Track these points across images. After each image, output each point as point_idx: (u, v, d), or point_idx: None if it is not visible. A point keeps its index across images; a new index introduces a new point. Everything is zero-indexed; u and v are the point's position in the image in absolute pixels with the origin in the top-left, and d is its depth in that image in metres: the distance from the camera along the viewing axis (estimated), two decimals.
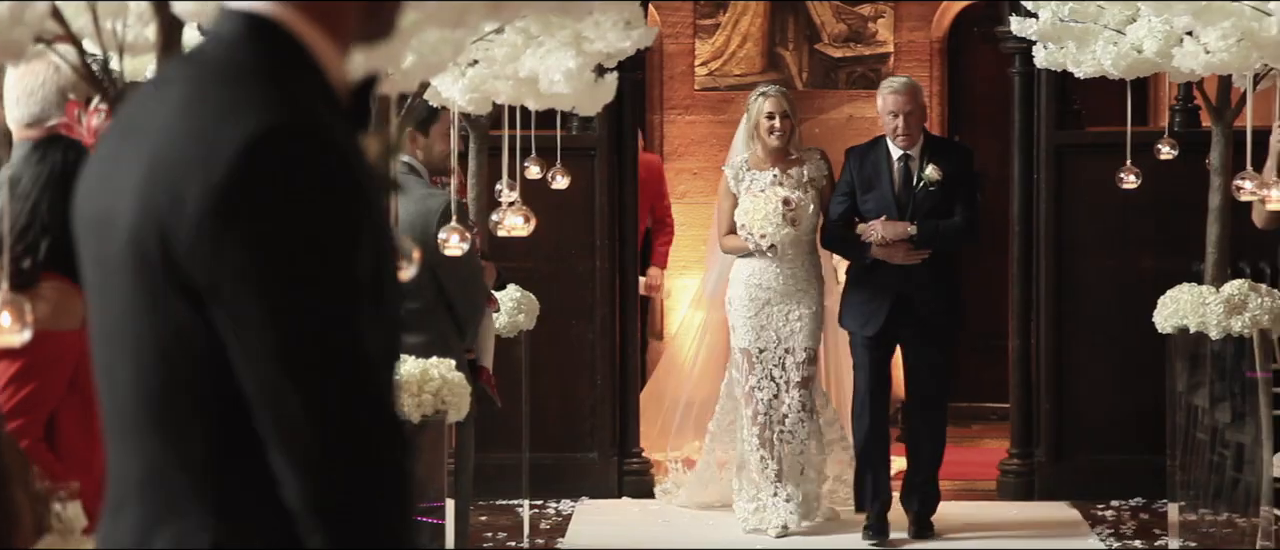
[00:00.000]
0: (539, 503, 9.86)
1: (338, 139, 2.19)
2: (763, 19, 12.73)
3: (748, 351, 9.06)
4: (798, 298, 9.00)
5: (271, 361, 2.14)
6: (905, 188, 8.84)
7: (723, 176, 9.25)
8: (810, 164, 9.07)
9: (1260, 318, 8.01)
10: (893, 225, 8.77)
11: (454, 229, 6.04)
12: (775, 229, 8.85)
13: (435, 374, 6.10)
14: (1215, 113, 8.40)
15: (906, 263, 8.77)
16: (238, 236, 2.13)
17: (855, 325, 8.91)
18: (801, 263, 9.03)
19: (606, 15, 5.76)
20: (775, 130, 9.00)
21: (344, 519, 2.15)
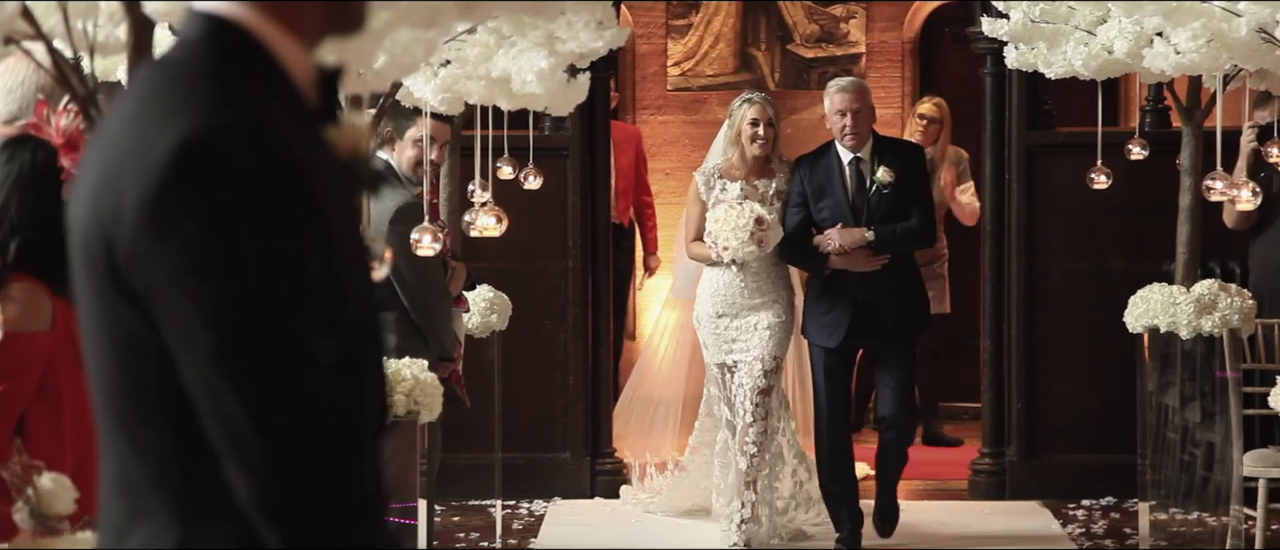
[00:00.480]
0: (511, 503, 9.85)
1: (284, 138, 2.18)
2: (735, 19, 12.74)
3: (722, 365, 8.88)
4: (763, 306, 8.77)
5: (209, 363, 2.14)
6: (859, 192, 8.61)
7: (693, 182, 9.02)
8: (780, 176, 8.81)
9: (1230, 317, 8.04)
10: (849, 232, 8.54)
11: (426, 229, 6.04)
12: (740, 245, 8.59)
13: (407, 374, 6.09)
14: (1185, 113, 8.43)
15: (866, 269, 8.56)
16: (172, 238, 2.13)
17: (818, 337, 8.71)
18: (767, 272, 8.81)
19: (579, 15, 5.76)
20: (759, 138, 8.75)
21: (291, 519, 2.15)
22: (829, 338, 8.62)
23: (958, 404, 12.20)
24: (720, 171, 8.85)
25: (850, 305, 8.58)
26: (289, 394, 2.14)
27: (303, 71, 2.28)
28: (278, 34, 2.26)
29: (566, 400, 10.21)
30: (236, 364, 2.13)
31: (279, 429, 2.14)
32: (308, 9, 2.28)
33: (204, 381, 2.15)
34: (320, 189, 2.20)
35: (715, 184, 8.82)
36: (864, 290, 8.57)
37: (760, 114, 8.77)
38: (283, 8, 2.26)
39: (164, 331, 2.17)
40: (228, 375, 2.13)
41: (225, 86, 2.19)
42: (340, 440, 2.17)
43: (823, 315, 8.65)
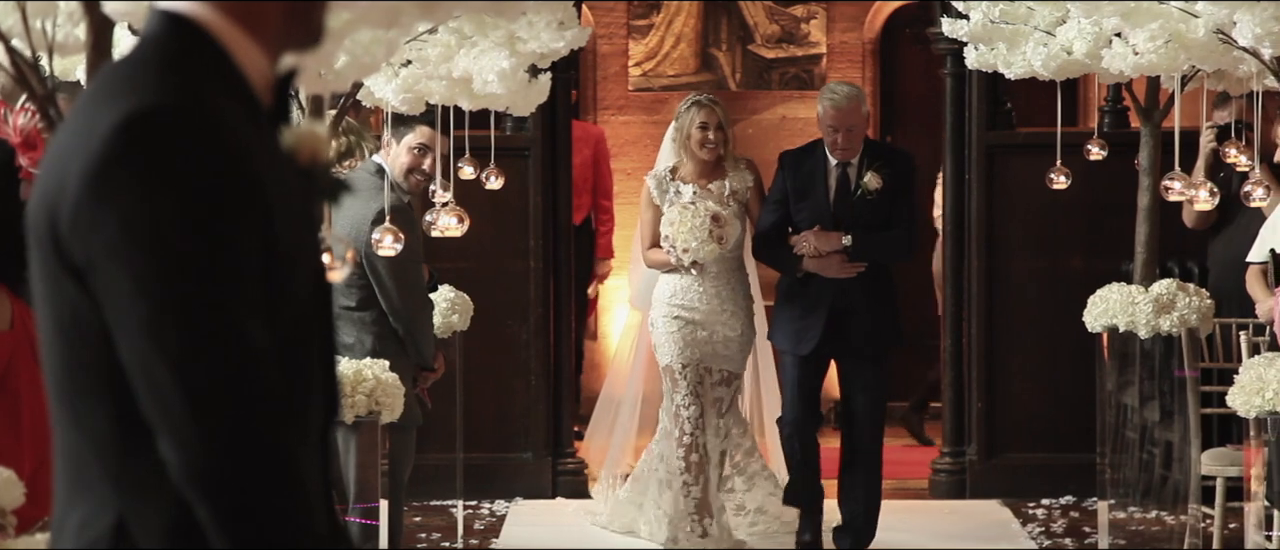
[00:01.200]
0: (473, 503, 9.85)
1: (227, 122, 2.21)
2: (696, 20, 12.76)
3: (670, 368, 8.54)
4: (724, 319, 8.47)
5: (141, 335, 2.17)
6: (842, 196, 8.29)
7: (645, 185, 8.72)
8: (734, 176, 8.51)
9: (1188, 317, 8.08)
10: (826, 236, 8.24)
11: (388, 230, 6.04)
12: (700, 245, 8.30)
13: (369, 375, 6.09)
14: (1144, 114, 8.47)
15: (841, 276, 8.24)
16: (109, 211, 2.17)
17: (787, 343, 8.37)
18: (727, 280, 8.50)
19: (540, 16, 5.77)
20: (708, 142, 8.47)
21: (219, 493, 2.17)
22: (799, 344, 8.31)
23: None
24: (673, 174, 8.60)
25: (824, 313, 8.28)
26: (220, 368, 2.16)
27: (258, 72, 2.32)
28: (236, 34, 2.29)
29: (528, 401, 10.21)
30: (168, 335, 2.16)
31: (208, 401, 2.16)
32: (269, 11, 2.31)
33: (137, 353, 2.18)
34: (267, 180, 2.22)
35: (668, 187, 8.56)
36: (839, 298, 8.28)
37: (709, 117, 8.50)
38: (243, 8, 2.30)
39: (103, 304, 2.20)
40: (159, 346, 2.16)
41: (171, 74, 2.24)
42: (273, 421, 2.19)
43: (794, 321, 8.34)
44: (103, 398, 2.24)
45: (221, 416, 2.16)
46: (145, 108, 2.19)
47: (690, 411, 8.48)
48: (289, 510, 2.20)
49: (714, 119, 8.50)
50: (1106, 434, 8.65)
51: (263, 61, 2.32)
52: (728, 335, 8.45)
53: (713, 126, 8.48)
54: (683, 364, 8.47)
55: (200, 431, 2.16)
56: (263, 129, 2.30)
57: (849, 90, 8.36)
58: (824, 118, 8.28)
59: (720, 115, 8.54)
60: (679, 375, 8.51)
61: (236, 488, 2.17)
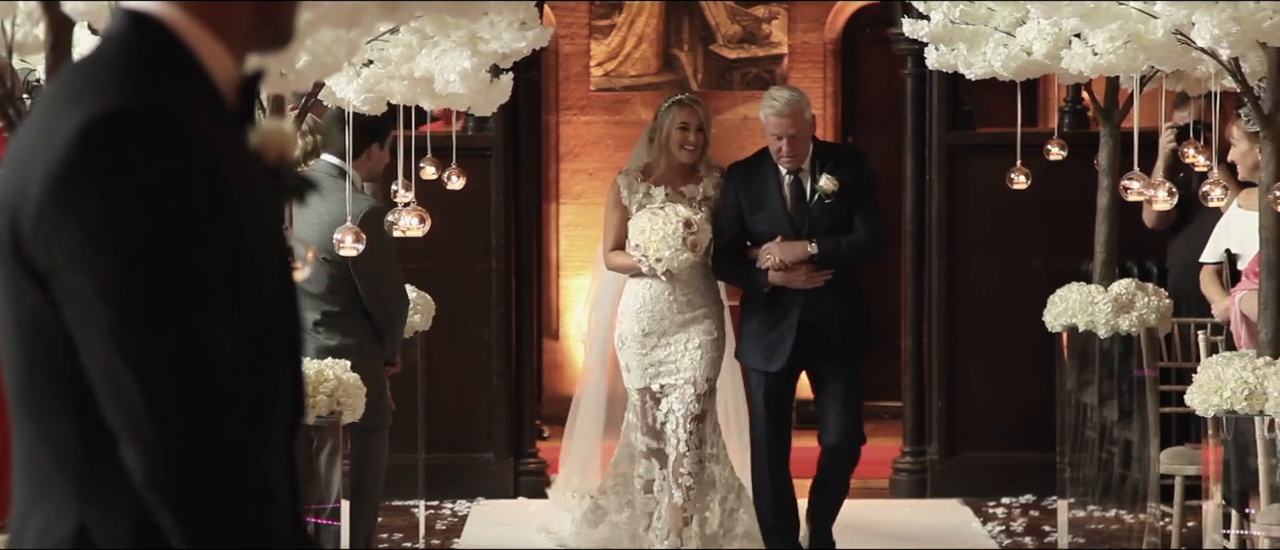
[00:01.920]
0: (434, 503, 9.85)
1: (192, 125, 2.20)
2: (658, 20, 12.77)
3: (648, 390, 8.17)
4: (695, 323, 8.11)
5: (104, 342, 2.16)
6: (799, 203, 7.97)
7: (613, 185, 8.34)
8: (709, 181, 8.17)
9: (1147, 316, 8.12)
10: (789, 246, 7.90)
11: (349, 230, 6.04)
12: (673, 254, 7.94)
13: (330, 375, 6.08)
14: (1103, 114, 8.51)
15: (808, 287, 7.92)
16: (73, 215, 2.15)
17: (757, 360, 8.03)
18: (697, 286, 8.13)
19: (501, 16, 5.78)
20: (689, 143, 8.10)
21: (181, 501, 2.16)
22: (769, 361, 7.97)
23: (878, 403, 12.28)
24: (643, 175, 8.23)
25: (793, 325, 7.95)
26: (184, 374, 2.15)
27: (223, 73, 2.31)
28: (201, 34, 2.28)
29: (490, 400, 10.21)
30: (130, 340, 2.15)
31: (171, 408, 2.15)
32: (235, 11, 2.30)
33: (99, 359, 2.17)
34: (231, 181, 2.22)
35: (638, 188, 8.19)
36: (809, 309, 7.95)
37: (690, 117, 8.14)
38: (208, 8, 2.29)
39: (64, 310, 2.19)
40: (122, 352, 2.15)
41: (135, 75, 2.22)
42: (237, 426, 2.18)
43: (762, 336, 8.00)
44: (64, 404, 2.22)
45: (186, 424, 2.15)
46: (108, 111, 2.17)
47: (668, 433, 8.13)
48: (254, 517, 2.19)
49: (695, 119, 8.16)
50: (1066, 433, 8.69)
51: (228, 62, 2.31)
52: (703, 339, 8.12)
53: (694, 127, 8.14)
54: (660, 385, 8.14)
55: (164, 439, 2.15)
56: (228, 129, 2.29)
57: (789, 95, 8.03)
58: (766, 126, 7.98)
59: (701, 116, 8.20)
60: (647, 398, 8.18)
61: (201, 495, 2.16)
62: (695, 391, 8.08)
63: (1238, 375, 5.63)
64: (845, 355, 8.05)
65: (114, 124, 2.17)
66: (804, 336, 7.95)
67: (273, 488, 2.23)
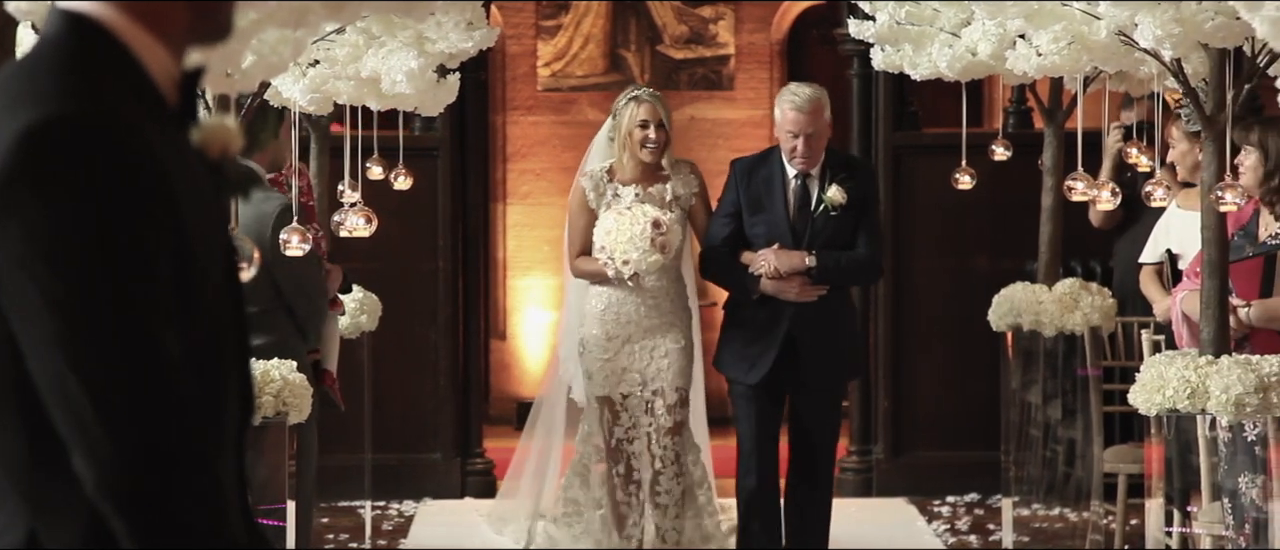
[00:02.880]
0: (381, 504, 9.83)
1: (134, 129, 2.19)
2: (605, 20, 12.78)
3: (608, 400, 7.68)
4: (663, 331, 7.65)
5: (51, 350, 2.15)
6: (802, 211, 7.49)
7: (576, 187, 7.86)
8: (678, 180, 7.72)
9: (1091, 316, 8.17)
10: (787, 255, 7.43)
11: (295, 230, 6.02)
12: (641, 255, 7.50)
13: (276, 375, 6.07)
14: (1047, 114, 8.56)
15: (801, 300, 7.44)
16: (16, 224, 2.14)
17: (737, 371, 7.53)
18: (666, 292, 7.68)
19: (448, 16, 5.78)
20: (650, 142, 7.64)
21: (134, 508, 2.16)
22: (749, 372, 7.48)
23: None
24: (609, 176, 7.78)
25: (778, 339, 7.46)
26: (132, 380, 2.14)
27: (163, 71, 2.29)
28: (139, 33, 2.27)
29: (437, 401, 10.20)
30: (78, 349, 2.14)
31: (122, 415, 2.14)
32: (173, 10, 2.29)
33: (47, 367, 2.16)
34: (175, 184, 2.21)
35: (605, 189, 7.73)
36: (797, 324, 7.47)
37: (650, 114, 7.68)
38: (146, 8, 2.27)
39: (10, 318, 2.18)
40: (70, 360, 2.14)
41: (74, 79, 2.21)
42: (187, 430, 2.17)
43: (744, 346, 7.52)
44: (13, 412, 2.21)
45: (135, 429, 2.14)
46: (47, 117, 2.16)
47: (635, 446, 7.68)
48: (206, 520, 2.18)
49: (656, 116, 7.70)
50: (1011, 432, 8.74)
51: (168, 60, 2.30)
52: (671, 347, 7.66)
53: (655, 124, 7.68)
54: (624, 394, 7.67)
55: (114, 445, 2.14)
56: (169, 129, 2.28)
57: (811, 93, 7.55)
58: (782, 122, 7.50)
59: (662, 112, 7.73)
60: (620, 406, 7.69)
61: (152, 500, 2.15)
62: (665, 403, 7.63)
63: (1180, 374, 5.67)
64: (827, 385, 7.62)
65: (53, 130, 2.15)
66: (789, 353, 7.46)
67: (224, 490, 2.22)
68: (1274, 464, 5.66)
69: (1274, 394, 5.56)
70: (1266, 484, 5.69)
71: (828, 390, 7.63)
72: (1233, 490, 5.78)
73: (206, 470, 2.19)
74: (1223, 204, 5.67)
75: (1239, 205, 5.79)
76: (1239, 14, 4.80)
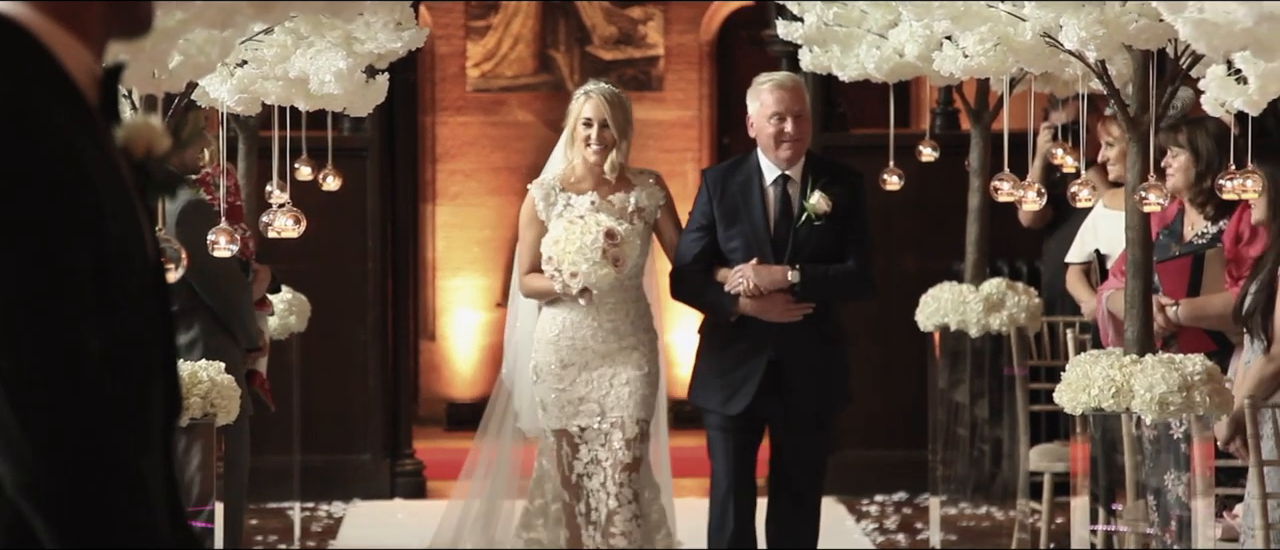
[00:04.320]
0: (310, 505, 9.81)
1: (52, 127, 2.18)
2: (534, 21, 12.78)
3: (565, 433, 6.94)
4: (623, 357, 6.90)
5: None
6: (783, 221, 6.77)
7: (527, 198, 7.08)
8: (641, 190, 6.97)
9: (1017, 315, 8.23)
10: (767, 270, 6.71)
11: (223, 231, 6.01)
12: (592, 268, 6.73)
13: (204, 376, 6.05)
14: (974, 115, 8.62)
15: (784, 320, 6.73)
16: None
17: (713, 401, 6.79)
18: (626, 312, 6.94)
19: (377, 16, 5.77)
20: (593, 141, 6.92)
21: (56, 507, 2.15)
22: (728, 402, 6.75)
23: None
24: (563, 183, 7.01)
25: (761, 366, 6.73)
26: (51, 376, 2.13)
27: (83, 69, 2.28)
28: (56, 31, 2.25)
29: (366, 401, 10.19)
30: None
31: (40, 412, 2.13)
32: (90, 7, 2.28)
33: None
34: (95, 182, 2.20)
35: (557, 199, 6.97)
36: (781, 347, 6.74)
37: (596, 111, 6.94)
38: (63, 6, 2.26)
39: None
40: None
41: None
42: (109, 428, 2.16)
43: (723, 374, 6.78)
44: None
45: (55, 427, 2.13)
46: None
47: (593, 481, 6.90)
48: (130, 518, 2.17)
49: (600, 114, 6.94)
50: (938, 431, 8.79)
51: (87, 58, 2.29)
52: (632, 374, 6.89)
53: (599, 123, 6.93)
54: (582, 427, 6.92)
55: (34, 443, 2.12)
56: (91, 127, 2.27)
57: (788, 74, 7.10)
58: (763, 109, 6.81)
59: (608, 109, 6.95)
60: (578, 439, 6.94)
61: (75, 499, 2.14)
62: (624, 437, 6.84)
63: (1105, 373, 5.72)
64: (814, 415, 6.88)
65: None
66: (772, 380, 6.74)
67: (149, 488, 2.21)
68: (1197, 462, 5.72)
69: (1197, 393, 5.61)
70: (1191, 481, 5.75)
71: (816, 422, 6.88)
72: (1157, 488, 5.83)
73: (129, 468, 2.18)
74: (1147, 204, 5.72)
75: (1163, 205, 5.85)
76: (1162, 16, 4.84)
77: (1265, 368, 6.21)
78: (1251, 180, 5.60)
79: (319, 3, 5.21)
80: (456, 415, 12.44)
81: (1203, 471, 5.71)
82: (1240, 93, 5.25)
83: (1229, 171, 5.60)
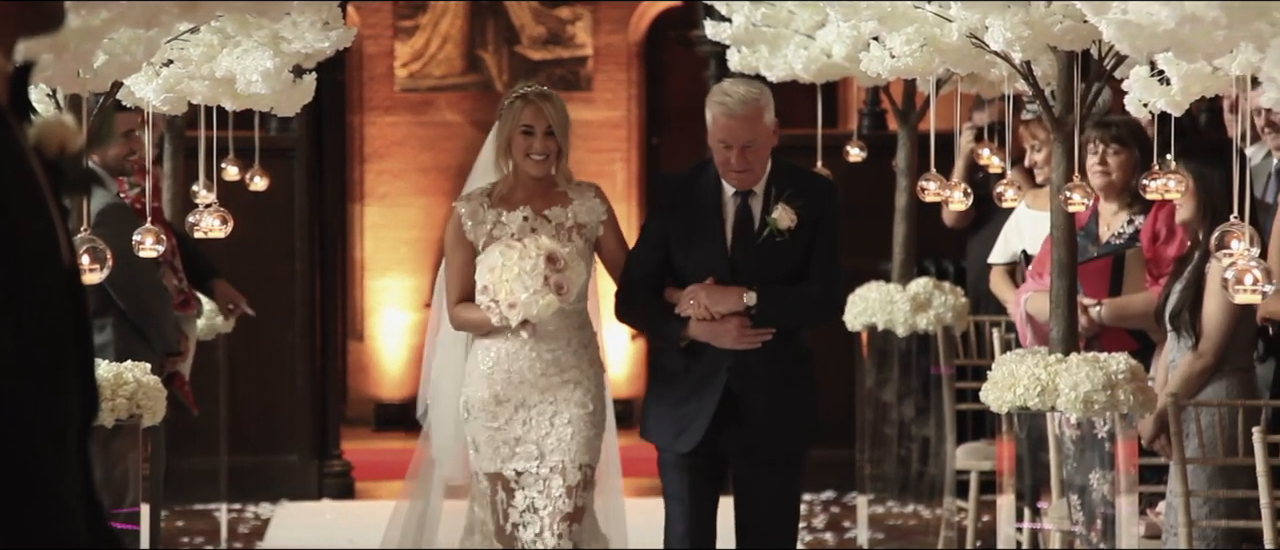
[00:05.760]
0: (237, 507, 9.76)
1: None
2: (463, 21, 12.77)
3: (500, 476, 6.14)
4: (564, 392, 6.13)
5: None
6: (743, 237, 6.04)
7: (452, 216, 6.25)
8: (580, 203, 6.19)
9: (944, 315, 8.28)
10: (721, 292, 5.98)
11: (149, 231, 5.98)
12: (532, 297, 5.93)
13: (129, 378, 6.02)
14: (901, 116, 8.66)
15: (739, 347, 6.00)
16: None
17: (664, 436, 6.08)
18: (567, 340, 6.16)
19: (304, 15, 5.75)
20: (535, 152, 6.12)
21: None
22: (680, 438, 6.03)
23: None
24: (493, 199, 6.20)
25: (716, 396, 6.01)
26: None
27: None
28: None
29: (294, 402, 10.15)
30: None
31: None
32: None
33: None
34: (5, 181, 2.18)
35: (486, 216, 6.15)
36: (739, 376, 6.01)
37: (536, 118, 6.13)
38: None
39: None
40: None
41: None
42: (19, 427, 2.15)
43: (675, 406, 6.06)
44: None
45: None
46: None
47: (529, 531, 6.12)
48: (43, 520, 2.16)
49: (542, 120, 6.14)
50: (865, 430, 8.83)
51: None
52: (575, 412, 6.12)
53: (541, 130, 6.14)
54: (518, 471, 6.12)
55: None
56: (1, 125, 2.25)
57: (745, 92, 6.03)
58: (712, 129, 6.03)
59: (551, 115, 6.15)
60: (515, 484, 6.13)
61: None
62: (565, 483, 6.05)
63: (1031, 372, 5.76)
64: (781, 450, 6.10)
65: None
66: (729, 412, 6.02)
67: (62, 489, 2.20)
68: (1120, 460, 5.76)
69: (1121, 391, 5.66)
70: (1114, 479, 5.79)
71: (781, 461, 6.10)
72: (1082, 486, 5.88)
73: (42, 468, 2.17)
74: (1072, 204, 5.76)
75: (1087, 205, 5.89)
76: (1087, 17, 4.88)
77: (1193, 365, 6.27)
78: (1174, 180, 5.65)
79: (246, 2, 5.19)
80: (385, 415, 12.42)
81: (1126, 470, 5.76)
82: (1163, 93, 5.29)
83: (1152, 171, 5.65)
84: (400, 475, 7.53)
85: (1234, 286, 4.13)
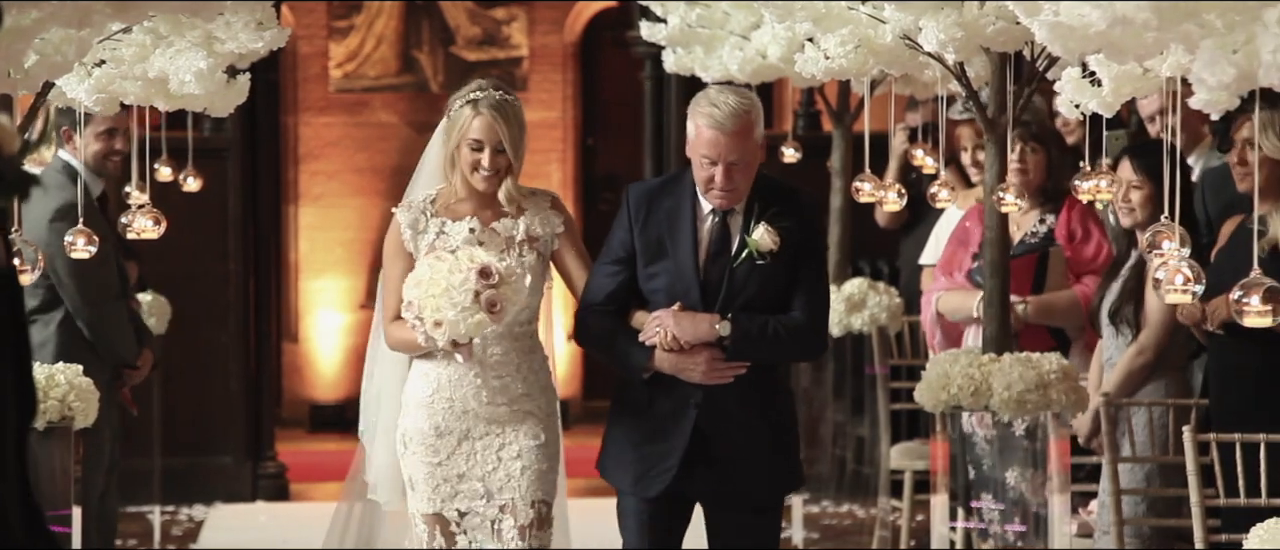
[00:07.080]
0: (171, 509, 9.72)
1: None
2: (397, 21, 12.74)
3: (439, 518, 5.45)
4: (514, 423, 5.46)
5: None
6: (717, 258, 5.36)
7: (392, 224, 5.57)
8: (534, 214, 5.55)
9: (879, 315, 8.31)
10: (690, 319, 5.29)
11: (81, 232, 5.94)
12: (460, 315, 5.19)
13: (61, 380, 5.98)
14: (835, 117, 8.69)
15: (708, 382, 5.32)
16: None
17: (624, 480, 5.43)
18: (516, 366, 5.49)
19: (238, 16, 5.72)
20: (483, 169, 5.45)
21: None
22: (642, 482, 5.38)
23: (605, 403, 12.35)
24: (437, 207, 5.54)
25: (685, 435, 5.34)
26: None
27: None
28: None
29: (228, 403, 10.11)
30: None
31: None
32: None
33: None
34: None
35: (428, 225, 5.51)
36: (708, 414, 5.34)
37: (486, 132, 5.46)
38: None
39: None
40: None
41: None
42: None
43: (637, 446, 5.41)
44: None
45: None
46: None
47: None
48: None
49: (495, 137, 5.47)
50: (801, 430, 8.84)
51: None
52: (526, 443, 5.44)
53: (491, 146, 5.46)
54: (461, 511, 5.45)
55: None
56: None
57: (737, 104, 5.31)
58: (695, 141, 5.34)
59: (503, 127, 5.48)
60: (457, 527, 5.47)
61: None
62: (516, 523, 5.41)
63: (964, 372, 5.79)
64: (757, 495, 5.44)
65: None
66: (698, 452, 5.35)
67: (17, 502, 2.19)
68: (1053, 459, 5.80)
69: (1053, 391, 5.70)
70: (1035, 477, 5.83)
71: (758, 508, 5.46)
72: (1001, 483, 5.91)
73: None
74: (1004, 205, 5.79)
75: (1021, 206, 5.93)
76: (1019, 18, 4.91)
77: (1134, 360, 6.31)
78: (1105, 181, 5.69)
79: (178, 2, 5.17)
80: (319, 417, 12.38)
81: (1058, 469, 5.80)
82: (1094, 94, 5.33)
83: (1085, 172, 5.68)
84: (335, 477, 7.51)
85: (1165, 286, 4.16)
